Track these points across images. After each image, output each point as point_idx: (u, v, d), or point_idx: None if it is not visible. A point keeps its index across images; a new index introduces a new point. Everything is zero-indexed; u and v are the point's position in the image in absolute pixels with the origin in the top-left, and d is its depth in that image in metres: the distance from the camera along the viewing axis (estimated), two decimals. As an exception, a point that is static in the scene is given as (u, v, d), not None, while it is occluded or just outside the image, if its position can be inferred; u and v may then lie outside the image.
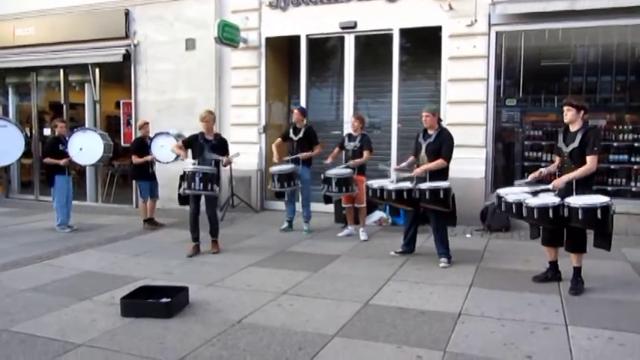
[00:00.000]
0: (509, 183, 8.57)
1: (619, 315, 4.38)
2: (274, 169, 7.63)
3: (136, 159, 8.28)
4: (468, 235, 7.69)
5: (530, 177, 5.50)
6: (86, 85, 11.34)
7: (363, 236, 7.38)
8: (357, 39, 9.32)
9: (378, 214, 8.60)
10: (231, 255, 6.61)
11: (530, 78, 8.59)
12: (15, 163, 9.90)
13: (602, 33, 8.12)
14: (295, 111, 8.01)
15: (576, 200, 4.71)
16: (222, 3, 9.89)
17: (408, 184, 6.08)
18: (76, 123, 10.85)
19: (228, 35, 9.23)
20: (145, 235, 7.95)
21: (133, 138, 9.48)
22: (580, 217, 4.61)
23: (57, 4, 10.91)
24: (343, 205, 7.76)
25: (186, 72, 10.16)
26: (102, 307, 4.67)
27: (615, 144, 8.14)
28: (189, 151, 6.83)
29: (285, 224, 8.06)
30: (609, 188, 8.11)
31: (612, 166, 8.17)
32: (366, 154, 7.45)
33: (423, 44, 9.19)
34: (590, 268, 5.84)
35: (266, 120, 9.92)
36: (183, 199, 6.72)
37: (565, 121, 5.12)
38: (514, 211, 5.16)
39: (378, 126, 9.58)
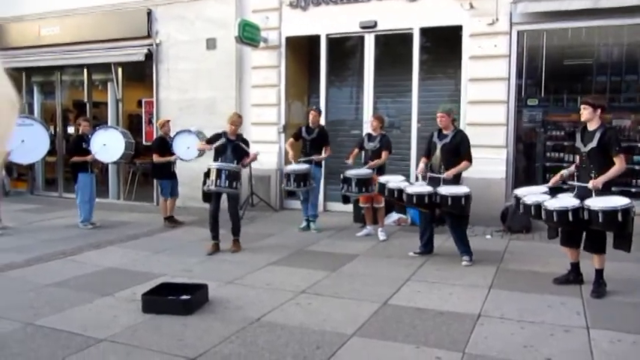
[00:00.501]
0: (530, 184, 8.51)
1: (642, 319, 4.31)
2: (289, 168, 7.67)
3: (157, 158, 8.37)
4: (488, 237, 7.62)
5: (552, 182, 5.45)
6: (109, 84, 11.50)
7: (381, 236, 7.37)
8: (377, 38, 9.30)
9: (396, 215, 8.57)
10: (250, 253, 6.65)
11: (553, 77, 8.48)
12: (40, 160, 10.11)
13: (627, 31, 7.98)
14: (313, 112, 8.01)
15: (596, 202, 4.61)
16: (242, 3, 9.95)
17: (428, 189, 5.94)
18: (99, 121, 11.00)
19: (248, 35, 9.28)
20: (165, 233, 8.04)
21: (154, 136, 9.59)
22: (600, 219, 4.50)
23: (81, 4, 11.08)
24: (361, 205, 7.75)
25: (207, 71, 10.24)
26: (123, 303, 4.74)
27: (640, 144, 8.00)
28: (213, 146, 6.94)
29: (304, 223, 8.09)
30: (633, 190, 7.98)
31: (637, 167, 8.03)
32: (384, 154, 7.43)
33: (444, 43, 9.14)
34: (613, 271, 5.75)
35: (286, 119, 9.95)
36: (206, 196, 6.86)
37: (582, 119, 5.06)
38: (533, 213, 5.12)
39: (398, 125, 9.55)
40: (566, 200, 4.91)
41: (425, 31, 8.90)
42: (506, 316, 4.38)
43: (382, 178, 6.68)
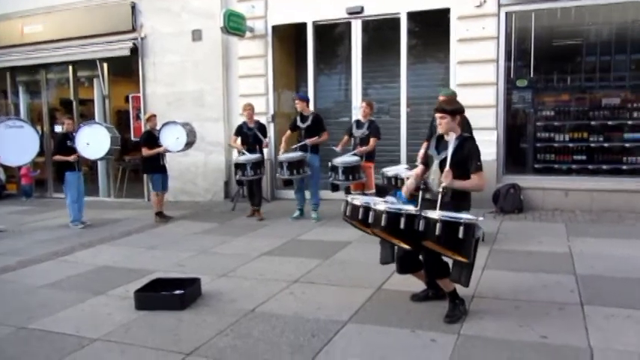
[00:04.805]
0: (520, 165, 8.55)
1: (636, 293, 4.32)
2: (283, 156, 7.60)
3: (146, 151, 8.29)
4: (481, 218, 7.50)
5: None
6: (95, 80, 11.39)
7: (373, 222, 7.31)
8: (365, 24, 9.24)
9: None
10: (243, 245, 6.62)
11: (542, 58, 8.45)
12: (30, 162, 10.01)
13: (617, 10, 7.95)
14: (296, 100, 7.95)
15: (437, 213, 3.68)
16: (227, -7, 9.86)
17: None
18: (87, 119, 10.90)
19: (234, 25, 9.19)
20: (157, 229, 7.99)
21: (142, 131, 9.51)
22: (437, 231, 3.56)
23: (63, 0, 10.93)
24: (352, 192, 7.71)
25: (194, 63, 10.15)
26: (117, 301, 4.70)
27: (630, 122, 8.00)
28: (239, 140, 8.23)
29: (297, 212, 8.05)
30: (624, 167, 8.00)
31: (627, 145, 8.04)
32: (372, 141, 7.41)
33: (431, 27, 9.07)
34: (606, 247, 5.80)
35: (274, 109, 9.89)
36: (239, 181, 8.51)
37: (440, 131, 4.14)
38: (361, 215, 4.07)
39: (387, 111, 9.51)
40: (401, 204, 4.04)
41: (412, 15, 8.84)
42: (501, 297, 4.38)
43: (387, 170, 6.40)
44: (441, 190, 3.83)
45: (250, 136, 8.23)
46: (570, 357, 3.28)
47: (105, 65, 11.14)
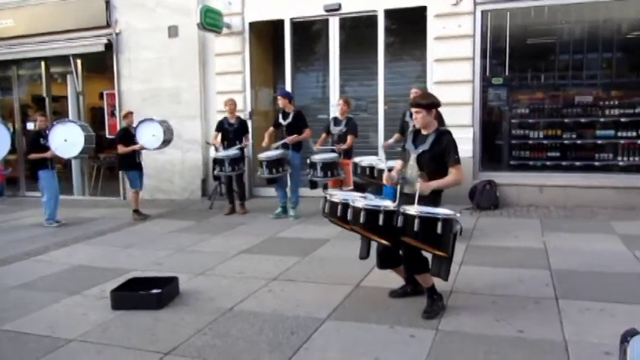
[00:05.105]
0: (496, 162, 8.66)
1: (609, 287, 4.42)
2: (263, 155, 7.56)
3: (122, 148, 8.18)
4: (458, 214, 7.67)
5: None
6: (68, 76, 11.18)
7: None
8: (342, 21, 9.25)
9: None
10: (221, 243, 6.58)
11: (517, 56, 8.57)
12: (0, 159, 9.78)
13: (589, 9, 8.11)
14: (279, 97, 7.92)
15: (415, 208, 3.70)
16: (204, -12, 9.76)
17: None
18: (60, 116, 10.69)
19: (210, 21, 9.11)
20: (133, 227, 7.88)
21: (118, 129, 9.37)
22: (416, 227, 3.59)
23: (35, -6, 10.71)
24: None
25: (170, 60, 10.03)
26: (92, 300, 4.62)
27: (602, 119, 8.17)
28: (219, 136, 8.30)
29: (279, 209, 8.01)
30: (597, 163, 8.18)
31: (599, 142, 8.21)
32: (349, 138, 7.43)
33: (408, 25, 9.13)
34: (579, 242, 5.92)
35: (252, 106, 9.84)
36: (216, 177, 8.55)
37: (417, 126, 4.14)
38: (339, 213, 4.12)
39: (365, 108, 9.54)
40: (380, 201, 4.13)
41: (389, 13, 8.88)
42: (478, 292, 4.44)
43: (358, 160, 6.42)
44: (417, 195, 3.82)
45: (231, 131, 8.27)
46: (546, 350, 3.34)
47: (79, 61, 10.94)
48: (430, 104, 4.04)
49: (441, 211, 3.71)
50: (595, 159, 8.22)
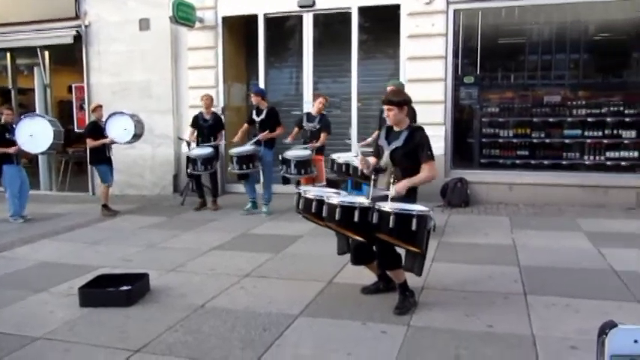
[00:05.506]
0: (467, 160, 8.79)
1: (575, 283, 4.53)
2: (234, 150, 7.51)
3: (90, 142, 8.01)
4: (431, 211, 7.77)
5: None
6: (35, 68, 10.88)
7: (325, 216, 7.34)
8: (316, 18, 9.23)
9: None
10: (192, 239, 6.52)
11: (488, 56, 8.70)
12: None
13: (557, 11, 8.27)
14: (252, 95, 7.87)
15: (390, 205, 3.74)
16: (176, -19, 9.60)
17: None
18: (26, 109, 10.43)
19: (183, 14, 8.99)
20: (102, 223, 7.74)
21: (87, 122, 9.18)
22: (391, 224, 3.61)
23: (0, -16, 10.40)
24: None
25: (141, 53, 9.86)
26: (60, 298, 4.52)
27: (569, 119, 8.36)
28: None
29: (249, 205, 7.97)
30: (564, 162, 8.37)
31: (567, 141, 8.40)
32: (323, 136, 7.45)
33: (382, 23, 9.17)
34: (547, 239, 6.05)
35: (225, 101, 9.75)
36: (190, 175, 8.36)
37: (390, 123, 4.16)
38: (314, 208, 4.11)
39: (338, 105, 9.55)
40: (355, 197, 4.17)
41: (363, 10, 8.90)
42: (449, 288, 4.50)
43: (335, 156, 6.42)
44: (390, 196, 3.85)
45: (206, 127, 8.24)
46: (514, 345, 3.40)
47: (46, 53, 10.67)
48: (402, 101, 4.06)
49: (416, 207, 3.75)
50: (563, 158, 8.41)
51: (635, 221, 6.88)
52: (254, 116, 7.76)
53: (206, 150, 7.97)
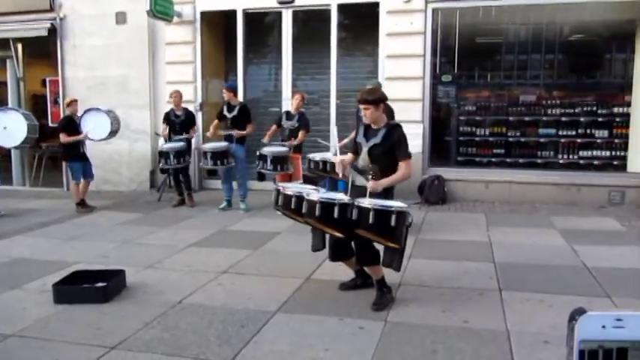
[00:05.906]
0: (444, 158, 8.88)
1: (548, 279, 4.62)
2: (207, 146, 7.48)
3: (64, 137, 7.86)
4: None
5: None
6: (8, 61, 10.63)
7: (303, 213, 7.34)
8: (295, 14, 9.20)
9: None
10: (169, 235, 6.46)
11: (465, 55, 8.80)
12: None
13: (533, 11, 8.40)
14: (224, 91, 7.80)
15: (368, 201, 3.81)
16: (154, -25, 9.48)
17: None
18: (-1, 103, 10.21)
19: (161, 9, 8.88)
20: (78, 219, 7.61)
21: (61, 117, 9.01)
22: (371, 220, 3.65)
23: (-29, -26, 10.12)
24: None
25: (118, 47, 9.71)
26: (33, 294, 4.45)
27: (544, 118, 8.51)
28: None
29: (224, 203, 7.92)
30: (539, 161, 8.51)
31: (541, 140, 8.55)
32: (301, 134, 7.45)
33: (361, 20, 9.19)
34: (521, 236, 6.15)
35: (202, 97, 9.68)
36: (162, 169, 8.52)
37: (366, 122, 4.22)
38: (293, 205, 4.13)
39: (317, 102, 9.55)
40: (334, 194, 4.22)
41: (342, 8, 8.90)
42: (426, 284, 4.54)
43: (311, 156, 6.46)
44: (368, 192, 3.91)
45: (177, 123, 8.23)
46: (489, 340, 3.46)
47: (19, 46, 10.44)
48: (377, 99, 4.10)
49: (395, 203, 3.79)
50: (537, 156, 8.56)
51: (606, 219, 7.04)
52: (225, 112, 7.71)
53: (178, 143, 7.93)
